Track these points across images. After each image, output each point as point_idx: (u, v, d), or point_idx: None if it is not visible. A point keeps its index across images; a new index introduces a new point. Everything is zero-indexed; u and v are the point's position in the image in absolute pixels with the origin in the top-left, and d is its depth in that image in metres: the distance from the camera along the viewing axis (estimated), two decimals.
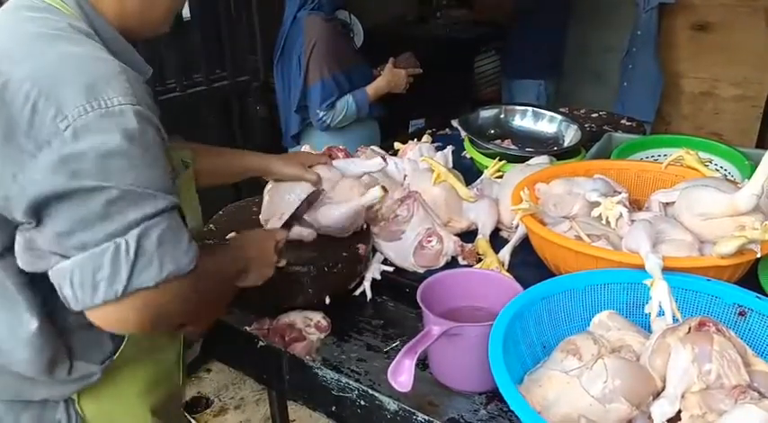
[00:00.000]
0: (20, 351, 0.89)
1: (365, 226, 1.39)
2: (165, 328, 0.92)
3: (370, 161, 1.42)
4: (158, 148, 0.83)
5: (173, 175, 0.88)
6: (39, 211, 0.79)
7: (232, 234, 1.29)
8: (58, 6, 0.89)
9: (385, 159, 1.39)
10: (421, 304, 1.05)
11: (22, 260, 0.84)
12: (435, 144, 1.99)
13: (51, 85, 0.78)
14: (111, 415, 1.02)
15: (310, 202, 1.33)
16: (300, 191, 1.30)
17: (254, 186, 1.54)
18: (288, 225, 1.28)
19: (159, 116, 0.86)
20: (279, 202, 1.30)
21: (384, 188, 1.27)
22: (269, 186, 1.37)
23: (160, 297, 0.82)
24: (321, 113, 2.43)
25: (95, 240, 0.78)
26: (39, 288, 0.87)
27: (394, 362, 0.96)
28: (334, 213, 1.28)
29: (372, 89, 2.51)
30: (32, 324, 0.88)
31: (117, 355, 0.97)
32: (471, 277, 1.20)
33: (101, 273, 0.78)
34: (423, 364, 1.11)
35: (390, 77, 2.54)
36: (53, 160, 0.76)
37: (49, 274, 0.81)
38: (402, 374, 0.95)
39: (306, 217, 1.32)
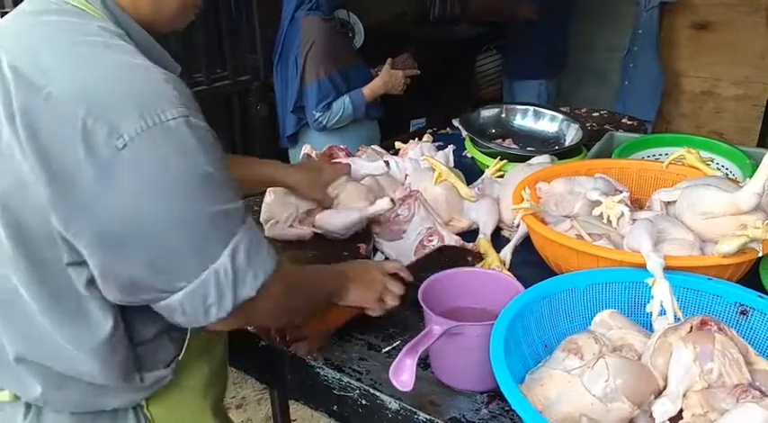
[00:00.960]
0: (90, 361, 0.86)
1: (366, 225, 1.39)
2: (267, 323, 1.01)
3: (373, 164, 1.41)
4: (216, 152, 0.80)
5: None
6: (116, 249, 0.76)
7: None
8: (84, 8, 0.84)
9: (388, 164, 1.39)
10: (422, 303, 1.05)
11: (111, 293, 0.81)
12: (436, 143, 1.99)
13: (100, 103, 0.74)
14: (177, 415, 1.01)
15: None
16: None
17: None
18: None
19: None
20: (280, 205, 1.31)
21: (392, 200, 1.26)
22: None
23: (259, 301, 0.85)
24: (317, 114, 2.43)
25: (195, 273, 0.78)
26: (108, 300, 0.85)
27: (395, 361, 0.96)
28: (338, 220, 1.28)
29: (369, 90, 2.51)
30: (102, 333, 0.85)
31: (182, 354, 0.97)
32: (472, 277, 1.19)
33: (209, 299, 0.80)
34: (424, 363, 1.11)
35: (387, 79, 2.54)
36: (120, 187, 0.73)
37: (155, 307, 0.82)
38: (403, 374, 0.95)
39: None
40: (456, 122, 2.28)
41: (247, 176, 1.30)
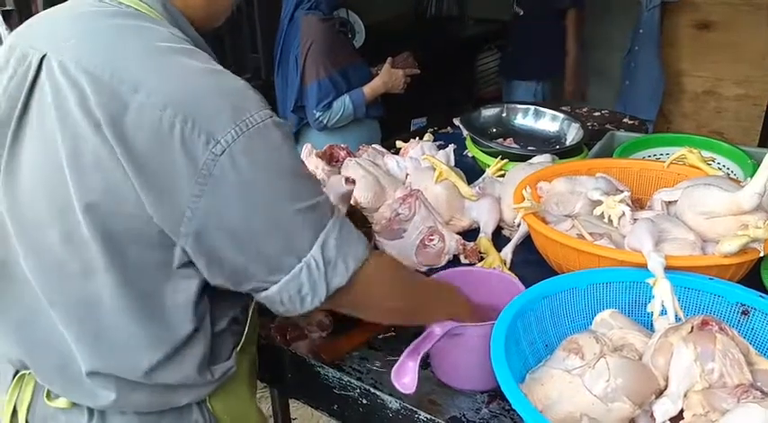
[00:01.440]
0: (166, 362, 0.87)
1: (368, 225, 1.39)
2: (385, 309, 0.98)
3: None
4: (297, 152, 0.84)
5: None
6: (223, 250, 0.79)
7: None
8: (147, 12, 0.84)
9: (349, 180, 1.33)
10: None
11: (218, 282, 0.84)
12: (437, 143, 1.99)
13: (193, 110, 0.75)
14: (233, 406, 1.01)
15: None
16: None
17: None
18: None
19: None
20: None
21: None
22: None
23: (353, 288, 0.87)
24: (318, 113, 2.43)
25: (289, 266, 0.81)
26: (197, 298, 0.87)
27: (397, 364, 0.96)
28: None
29: (369, 89, 2.51)
30: (184, 333, 0.87)
31: (240, 344, 0.98)
32: (471, 276, 1.19)
33: (303, 290, 0.83)
34: (425, 362, 1.10)
35: (387, 78, 2.53)
36: (222, 191, 0.75)
37: (258, 297, 0.85)
38: (406, 376, 0.95)
39: None
40: (457, 122, 2.28)
41: None
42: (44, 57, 0.81)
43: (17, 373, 0.96)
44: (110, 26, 0.82)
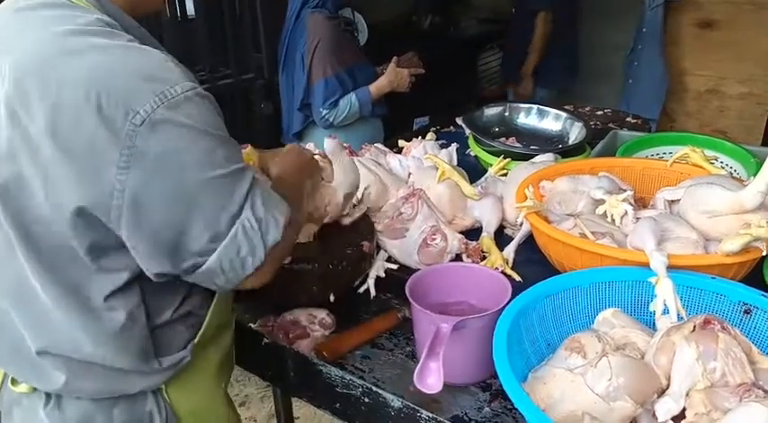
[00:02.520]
0: (106, 349, 0.90)
1: (370, 223, 1.39)
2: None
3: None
4: (222, 120, 0.87)
5: None
6: (157, 222, 0.81)
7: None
8: (76, 1, 0.87)
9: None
10: (416, 306, 1.06)
11: (153, 267, 0.86)
12: (440, 142, 1.99)
13: (110, 84, 0.77)
14: (193, 399, 1.03)
15: None
16: None
17: None
18: None
19: None
20: None
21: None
22: None
23: (285, 241, 0.91)
24: (324, 111, 2.43)
25: (225, 230, 0.84)
26: (126, 290, 0.89)
27: (418, 368, 0.97)
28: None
29: (375, 88, 2.51)
30: (116, 325, 0.89)
31: (197, 337, 1.00)
32: (450, 272, 1.20)
33: (242, 251, 0.86)
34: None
35: (393, 77, 2.54)
36: (146, 161, 0.77)
37: (194, 276, 0.87)
38: (430, 377, 0.96)
39: None
40: (459, 121, 2.27)
41: None
42: None
43: None
44: (35, 18, 0.86)
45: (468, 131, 2.04)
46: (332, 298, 1.25)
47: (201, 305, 1.00)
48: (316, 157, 1.27)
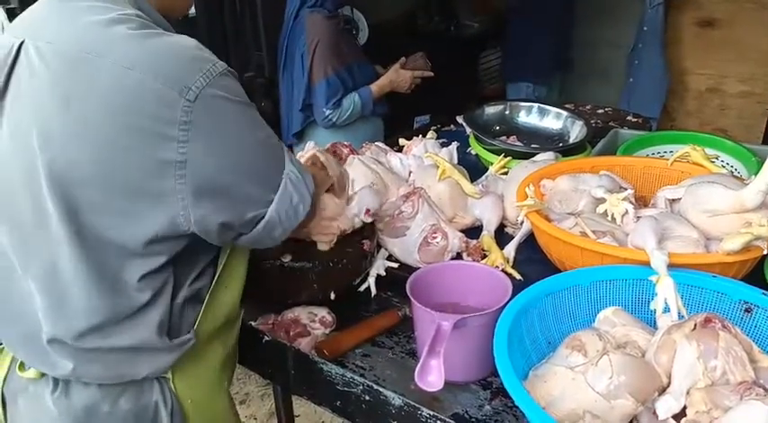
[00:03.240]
0: (122, 327, 0.92)
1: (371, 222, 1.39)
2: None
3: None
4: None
5: None
6: (222, 185, 0.89)
7: None
8: None
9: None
10: (416, 304, 1.06)
11: (220, 237, 0.94)
12: (440, 140, 1.98)
13: (159, 66, 0.83)
14: (197, 390, 1.04)
15: None
16: None
17: None
18: None
19: None
20: None
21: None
22: None
23: (318, 190, 1.05)
24: (328, 111, 2.43)
25: (276, 183, 0.95)
26: (159, 271, 0.92)
27: (419, 366, 0.97)
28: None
29: (377, 87, 2.51)
30: (140, 302, 0.91)
31: (198, 320, 1.01)
32: (450, 271, 1.21)
33: (294, 199, 0.97)
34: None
35: (394, 77, 2.54)
36: (204, 131, 0.84)
37: (256, 231, 0.95)
38: (430, 375, 0.97)
39: None
40: (460, 119, 2.27)
41: None
42: (22, 43, 0.89)
43: None
44: (75, 8, 0.90)
45: (468, 130, 2.04)
46: (332, 296, 1.26)
47: (203, 286, 1.02)
48: (317, 153, 1.27)
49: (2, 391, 1.02)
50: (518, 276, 1.34)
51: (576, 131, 1.99)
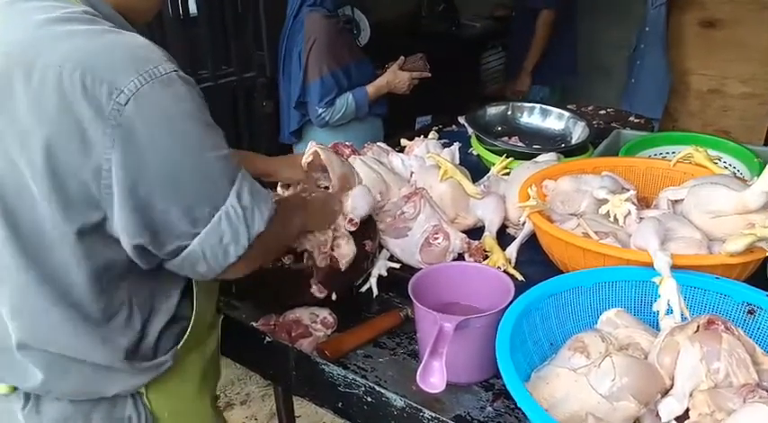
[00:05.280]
0: (92, 345, 0.89)
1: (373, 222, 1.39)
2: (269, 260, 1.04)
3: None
4: (206, 107, 0.86)
5: None
6: (141, 201, 0.81)
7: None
8: None
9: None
10: (417, 304, 1.06)
11: (137, 252, 0.86)
12: (442, 141, 1.98)
13: (92, 64, 0.77)
14: (175, 404, 1.02)
15: None
16: None
17: None
18: None
19: None
20: None
21: None
22: None
23: (268, 235, 0.91)
24: (320, 110, 2.43)
25: (209, 215, 0.85)
26: (112, 284, 0.89)
27: (420, 367, 0.97)
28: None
29: (373, 88, 2.51)
30: (97, 316, 0.89)
31: (182, 342, 0.99)
32: (452, 271, 1.20)
33: (225, 239, 0.86)
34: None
35: (392, 78, 2.53)
36: (131, 141, 0.77)
37: (176, 261, 0.86)
38: (432, 376, 0.96)
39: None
40: (462, 120, 2.27)
41: None
42: None
43: None
44: (21, 10, 0.86)
45: (470, 130, 2.04)
46: (334, 297, 1.25)
47: (186, 310, 0.99)
48: (318, 150, 1.27)
49: None
50: (520, 277, 1.33)
51: (579, 132, 1.99)
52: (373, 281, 1.34)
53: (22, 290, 0.86)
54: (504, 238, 1.51)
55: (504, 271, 1.28)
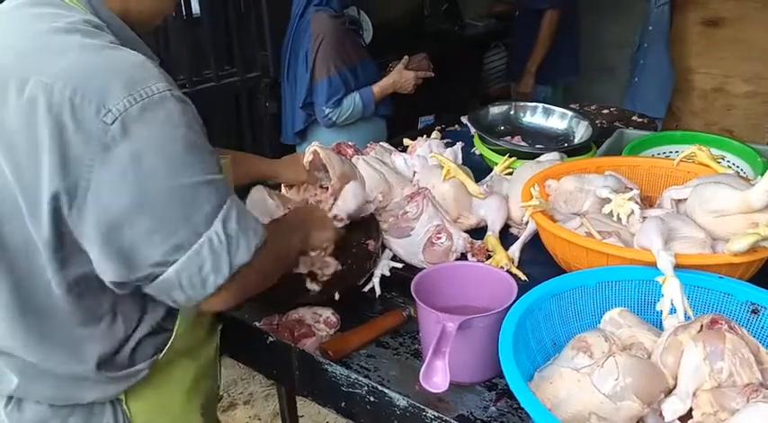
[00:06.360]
0: (62, 354, 0.89)
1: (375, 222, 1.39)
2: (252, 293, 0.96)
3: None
4: (199, 123, 0.84)
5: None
6: (116, 223, 0.78)
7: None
8: (68, 1, 0.87)
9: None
10: (420, 303, 1.06)
11: (108, 272, 0.82)
12: (445, 140, 1.99)
13: (83, 82, 0.76)
14: (158, 413, 1.01)
15: None
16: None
17: None
18: None
19: None
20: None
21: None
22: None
23: (252, 269, 0.87)
24: (327, 110, 2.43)
25: (189, 242, 0.80)
26: (84, 296, 0.87)
27: (423, 367, 0.97)
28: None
29: (379, 88, 2.51)
30: (77, 331, 0.88)
31: (163, 353, 0.97)
32: (455, 271, 1.20)
33: (205, 268, 0.82)
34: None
35: (398, 78, 2.54)
36: (116, 163, 0.76)
37: (152, 287, 0.83)
38: (435, 376, 0.97)
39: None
40: (465, 119, 2.27)
41: (241, 172, 1.28)
42: None
43: None
44: (22, 16, 0.85)
45: (473, 130, 2.04)
46: (337, 296, 1.25)
47: (168, 320, 0.96)
48: (317, 149, 1.27)
49: None
50: (523, 277, 1.33)
51: (581, 132, 1.98)
52: (376, 281, 1.35)
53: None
54: (506, 237, 1.51)
55: (507, 271, 1.28)
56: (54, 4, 0.86)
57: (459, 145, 1.88)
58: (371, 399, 1.09)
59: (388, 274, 1.37)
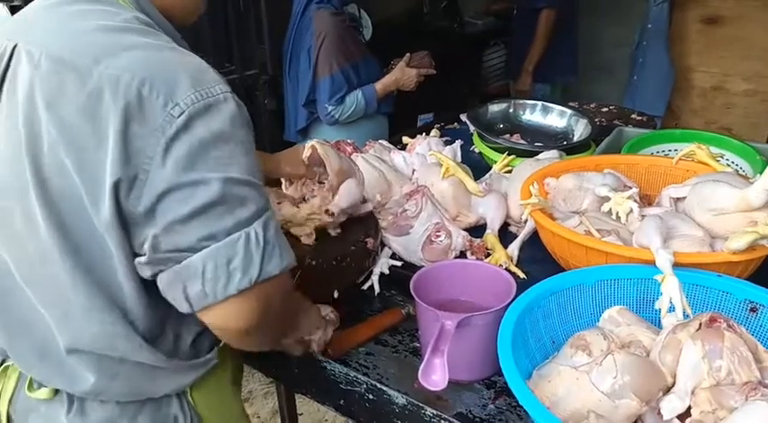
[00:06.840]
0: (137, 346, 0.88)
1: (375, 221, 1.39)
2: (262, 327, 0.88)
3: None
4: (252, 134, 0.85)
5: None
6: (158, 204, 0.78)
7: None
8: None
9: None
10: (419, 301, 1.06)
11: (148, 263, 0.81)
12: (444, 138, 1.98)
13: (152, 75, 0.77)
14: (214, 400, 1.02)
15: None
16: None
17: None
18: None
19: None
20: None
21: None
22: None
23: (275, 288, 0.84)
24: (330, 108, 2.43)
25: (226, 230, 0.78)
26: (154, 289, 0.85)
27: (422, 365, 0.97)
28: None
29: (381, 85, 2.51)
30: (148, 321, 0.88)
31: (222, 343, 0.98)
32: (454, 269, 1.20)
33: (235, 261, 0.78)
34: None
35: (400, 75, 2.54)
36: (175, 153, 0.76)
37: (170, 274, 0.80)
38: (434, 374, 0.97)
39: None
40: (464, 117, 2.27)
41: None
42: (15, 46, 0.85)
43: (2, 363, 0.97)
44: (71, 12, 0.86)
45: (472, 128, 2.04)
46: (336, 294, 1.25)
47: None
48: (316, 144, 1.27)
49: (8, 412, 0.97)
50: (522, 275, 1.34)
51: (581, 130, 1.98)
52: (375, 278, 1.34)
53: (70, 292, 0.84)
54: (505, 235, 1.51)
55: (506, 269, 1.28)
56: (103, 1, 0.87)
57: (458, 143, 1.88)
58: (370, 396, 1.09)
59: (387, 272, 1.36)
